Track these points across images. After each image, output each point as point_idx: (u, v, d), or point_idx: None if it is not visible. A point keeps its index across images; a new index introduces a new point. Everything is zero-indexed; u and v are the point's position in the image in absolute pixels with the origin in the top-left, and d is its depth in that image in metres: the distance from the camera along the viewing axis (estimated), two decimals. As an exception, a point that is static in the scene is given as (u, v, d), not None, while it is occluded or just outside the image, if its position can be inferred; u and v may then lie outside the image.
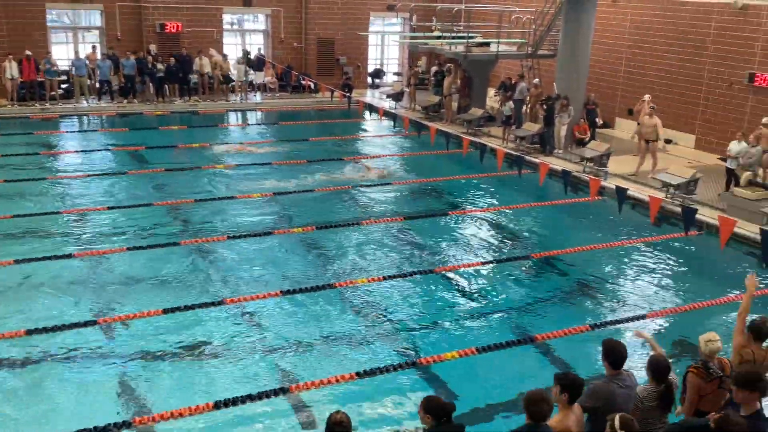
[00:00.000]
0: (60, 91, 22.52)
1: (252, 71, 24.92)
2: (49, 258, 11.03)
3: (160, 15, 24.02)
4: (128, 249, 11.58)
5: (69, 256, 11.21)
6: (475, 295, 10.69)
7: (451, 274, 11.34)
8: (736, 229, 10.91)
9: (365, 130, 22.60)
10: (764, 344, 6.38)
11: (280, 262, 11.48)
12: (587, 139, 17.82)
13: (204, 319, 9.42)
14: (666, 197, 14.24)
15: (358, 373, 8.14)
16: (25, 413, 7.41)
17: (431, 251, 12.27)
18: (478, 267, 11.73)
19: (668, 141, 19.79)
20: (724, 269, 11.92)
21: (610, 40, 21.45)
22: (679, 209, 12.93)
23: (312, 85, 24.86)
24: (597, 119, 19.37)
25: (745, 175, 14.24)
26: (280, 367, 8.41)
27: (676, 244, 12.81)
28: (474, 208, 14.84)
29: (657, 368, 5.67)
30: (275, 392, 7.75)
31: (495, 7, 24.44)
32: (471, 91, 22.11)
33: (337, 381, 7.98)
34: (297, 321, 9.53)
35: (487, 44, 22.20)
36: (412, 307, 10.10)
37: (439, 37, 23.22)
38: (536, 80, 21.10)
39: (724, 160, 15.53)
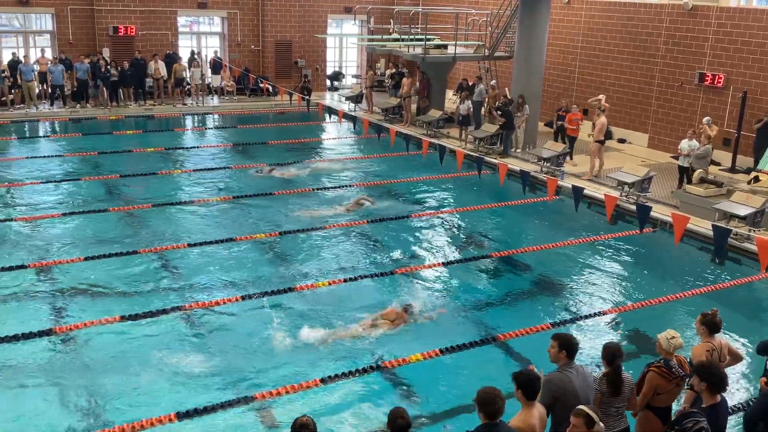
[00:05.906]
0: (11, 96, 21.94)
1: (208, 74, 24.62)
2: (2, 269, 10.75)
3: (114, 18, 23.61)
4: (86, 259, 11.34)
5: (24, 266, 10.94)
6: (437, 296, 10.75)
7: (412, 276, 11.38)
8: (689, 226, 11.18)
9: (325, 133, 22.54)
10: (716, 335, 6.57)
11: (239, 267, 11.35)
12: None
13: (163, 326, 9.28)
14: (621, 196, 14.53)
15: (322, 379, 8.11)
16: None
17: (393, 253, 12.30)
18: (439, 268, 11.81)
19: (622, 140, 20.21)
20: (678, 265, 12.20)
21: (565, 41, 21.80)
22: (633, 207, 13.20)
23: (270, 88, 24.70)
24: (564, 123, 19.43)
25: (697, 173, 14.61)
26: (244, 374, 8.32)
27: (632, 241, 13.08)
28: (434, 210, 14.91)
29: (607, 352, 5.83)
30: (239, 401, 7.67)
31: (452, 9, 24.62)
32: (430, 93, 22.24)
33: (302, 388, 7.94)
34: (259, 326, 9.43)
35: (445, 46, 22.35)
36: (374, 310, 10.09)
37: (397, 40, 23.29)
38: (493, 82, 21.32)
39: (677, 158, 15.91)
